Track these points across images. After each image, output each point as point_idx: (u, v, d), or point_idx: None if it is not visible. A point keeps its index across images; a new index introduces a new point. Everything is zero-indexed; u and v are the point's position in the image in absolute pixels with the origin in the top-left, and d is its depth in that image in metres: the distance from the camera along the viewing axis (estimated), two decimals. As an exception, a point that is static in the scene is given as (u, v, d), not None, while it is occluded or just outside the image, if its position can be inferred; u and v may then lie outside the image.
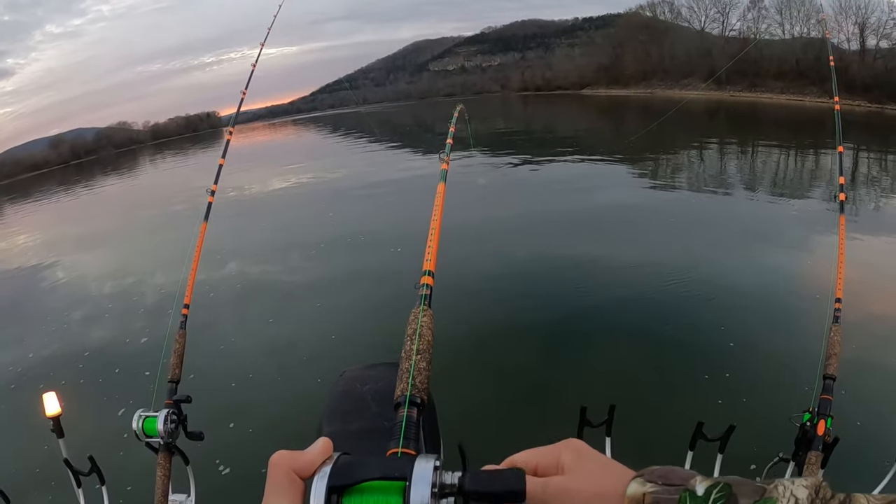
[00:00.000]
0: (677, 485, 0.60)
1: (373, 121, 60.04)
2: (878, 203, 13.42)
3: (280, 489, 0.60)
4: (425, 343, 1.03)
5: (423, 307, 1.11)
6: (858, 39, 54.18)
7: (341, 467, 0.62)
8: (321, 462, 0.62)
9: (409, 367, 0.98)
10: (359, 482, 0.60)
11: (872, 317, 6.58)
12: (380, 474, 0.61)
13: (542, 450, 0.75)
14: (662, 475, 0.62)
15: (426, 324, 1.07)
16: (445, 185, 1.57)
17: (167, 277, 10.38)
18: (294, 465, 0.61)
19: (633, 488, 0.62)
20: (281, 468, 0.61)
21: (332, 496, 0.59)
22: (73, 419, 3.15)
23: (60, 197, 37.03)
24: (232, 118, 4.77)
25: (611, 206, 13.46)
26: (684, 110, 35.01)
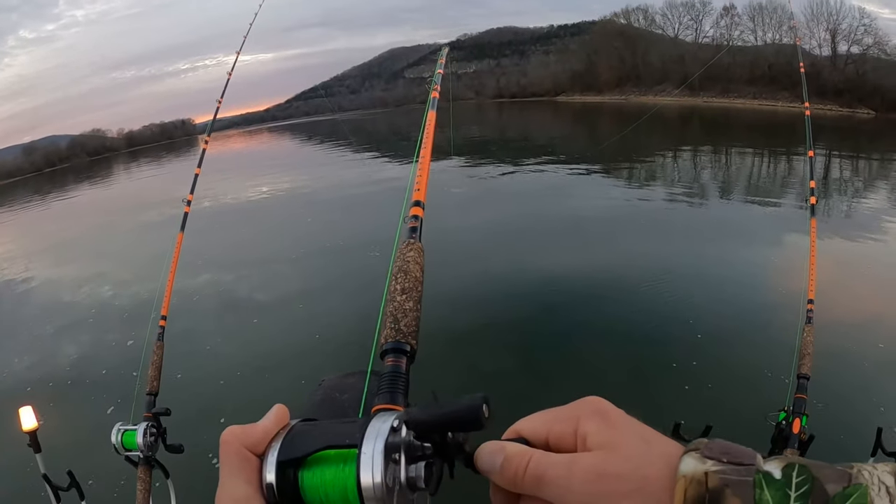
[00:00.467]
0: (747, 464, 0.48)
1: (348, 128, 59.94)
2: (849, 205, 13.67)
3: (232, 470, 0.54)
4: (412, 280, 0.91)
5: (411, 240, 1.00)
6: (830, 45, 55.34)
7: (292, 440, 0.55)
8: (275, 434, 0.56)
9: (392, 311, 0.86)
10: (308, 454, 0.54)
11: (845, 316, 6.69)
12: (327, 443, 0.54)
13: (553, 412, 0.61)
14: (725, 451, 0.49)
15: (413, 259, 0.95)
16: (435, 113, 1.47)
17: (144, 288, 10.27)
18: (246, 441, 0.55)
19: (689, 465, 0.49)
20: (231, 445, 0.55)
21: (287, 471, 0.53)
22: (51, 433, 3.12)
23: (34, 206, 36.51)
24: (207, 126, 4.73)
25: (585, 212, 13.55)
26: (658, 116, 35.38)
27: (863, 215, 12.48)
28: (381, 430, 0.52)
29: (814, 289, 3.10)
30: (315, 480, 0.53)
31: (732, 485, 0.46)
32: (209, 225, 15.13)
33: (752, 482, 0.46)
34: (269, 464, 0.53)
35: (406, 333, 0.82)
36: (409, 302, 0.87)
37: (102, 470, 4.81)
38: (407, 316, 0.84)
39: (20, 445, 2.96)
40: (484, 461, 0.57)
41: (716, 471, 0.47)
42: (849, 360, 5.76)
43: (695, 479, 0.47)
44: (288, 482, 0.53)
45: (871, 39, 53.30)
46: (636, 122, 15.26)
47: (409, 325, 0.83)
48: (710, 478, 0.47)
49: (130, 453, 2.82)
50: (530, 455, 0.55)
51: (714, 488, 0.47)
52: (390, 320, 0.84)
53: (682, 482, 0.48)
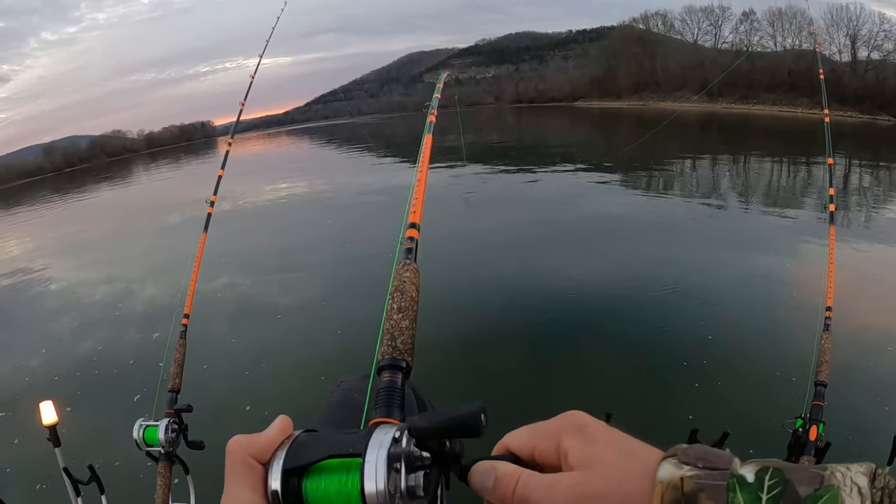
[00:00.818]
0: (722, 468, 0.49)
1: (367, 132, 60.18)
2: (869, 213, 13.55)
3: (238, 478, 0.56)
4: (408, 300, 0.95)
5: (407, 261, 1.05)
6: (850, 51, 54.94)
7: (297, 448, 0.57)
8: (279, 443, 0.58)
9: (389, 328, 0.90)
10: (313, 462, 0.56)
11: (863, 324, 6.65)
12: (331, 452, 0.56)
13: (539, 427, 0.63)
14: (701, 456, 0.51)
15: (409, 279, 1.00)
16: (432, 136, 1.54)
17: (166, 287, 10.38)
18: (251, 450, 0.57)
19: (666, 471, 0.50)
20: (237, 454, 0.56)
21: (291, 479, 0.55)
22: (73, 428, 3.17)
23: (54, 205, 36.90)
24: (229, 128, 4.80)
25: (603, 218, 13.50)
26: (677, 122, 35.24)
27: (882, 223, 12.35)
28: (383, 440, 0.55)
29: (832, 296, 3.10)
30: (318, 488, 0.55)
31: (707, 489, 0.47)
32: (230, 226, 15.25)
33: (726, 486, 0.47)
34: (274, 472, 0.55)
35: (402, 351, 0.86)
36: (406, 321, 0.91)
37: (123, 464, 4.87)
38: (403, 334, 0.88)
39: (42, 439, 3.00)
40: (477, 480, 0.61)
41: (691, 476, 0.49)
42: (867, 368, 5.71)
43: (671, 484, 0.49)
44: (292, 490, 0.55)
45: (891, 45, 52.89)
46: (655, 128, 15.23)
47: (405, 343, 0.87)
48: (686, 483, 0.48)
49: (152, 448, 2.86)
50: (518, 476, 0.58)
51: (689, 492, 0.48)
52: (388, 338, 0.88)
53: (660, 487, 0.49)
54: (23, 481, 5.28)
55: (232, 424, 5.80)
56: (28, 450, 5.53)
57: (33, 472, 5.22)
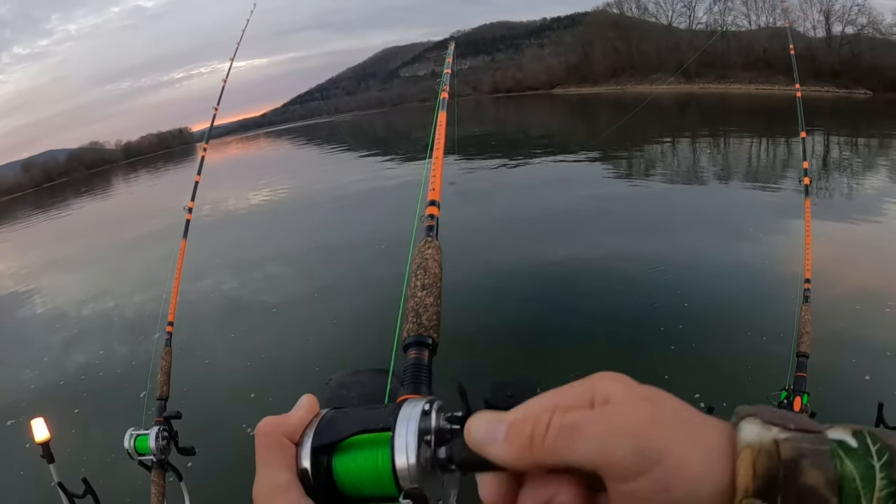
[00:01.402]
0: (816, 431, 0.40)
1: (345, 130, 59.97)
2: (847, 185, 13.68)
3: (271, 457, 0.54)
4: (431, 277, 0.95)
5: (428, 238, 1.04)
6: (824, 27, 55.14)
7: (325, 425, 0.57)
8: (308, 422, 0.57)
9: (414, 305, 0.90)
10: (342, 439, 0.55)
11: (841, 294, 6.74)
12: (361, 427, 0.55)
13: (558, 393, 0.48)
14: (785, 416, 0.41)
15: (432, 256, 0.99)
16: (445, 113, 1.53)
17: (150, 296, 10.32)
18: (282, 429, 0.56)
19: (752, 432, 0.40)
20: (269, 435, 0.55)
21: (320, 457, 0.55)
22: (63, 442, 3.16)
23: (36, 221, 36.58)
24: (205, 134, 4.77)
25: (585, 202, 13.58)
26: (656, 104, 35.36)
27: (860, 195, 12.50)
28: (412, 413, 0.54)
29: (810, 268, 3.13)
30: (348, 464, 0.54)
31: (809, 455, 0.38)
32: (213, 231, 15.19)
33: (829, 452, 0.39)
34: (304, 450, 0.55)
35: (428, 327, 0.86)
36: (430, 297, 0.91)
37: (117, 475, 4.86)
38: (428, 310, 0.88)
39: (35, 456, 3.00)
40: (479, 431, 0.48)
41: (786, 438, 0.39)
42: (847, 337, 5.80)
43: (763, 448, 0.39)
44: (322, 468, 0.54)
45: (865, 19, 53.08)
46: (633, 111, 15.25)
47: (430, 320, 0.87)
48: (782, 447, 0.39)
49: (143, 457, 2.86)
50: (550, 412, 0.45)
51: (788, 459, 0.39)
52: (412, 315, 0.88)
53: (749, 453, 0.39)
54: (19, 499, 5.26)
55: (221, 430, 5.81)
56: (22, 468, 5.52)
57: (28, 489, 5.20)
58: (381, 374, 1.12)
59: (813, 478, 0.38)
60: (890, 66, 44.48)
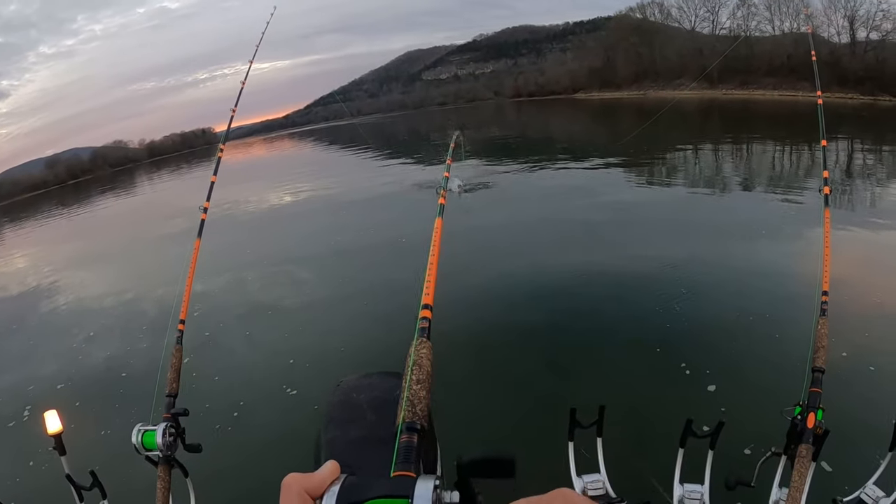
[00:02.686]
0: None
1: (367, 132, 60.29)
2: (867, 195, 13.47)
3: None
4: (425, 374, 1.07)
5: (423, 339, 1.14)
6: (848, 32, 54.57)
7: (349, 487, 0.66)
8: (330, 482, 0.66)
9: (410, 396, 1.02)
10: (365, 500, 0.64)
11: (861, 308, 6.59)
12: (383, 493, 0.65)
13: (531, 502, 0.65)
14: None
15: (425, 355, 1.11)
16: (443, 220, 1.63)
17: (165, 294, 10.39)
18: (305, 486, 0.64)
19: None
20: (293, 489, 0.64)
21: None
22: (74, 435, 3.18)
23: (59, 217, 37.08)
24: (229, 134, 4.80)
25: (602, 207, 13.58)
26: (678, 109, 35.19)
27: (881, 205, 12.31)
28: (427, 486, 0.65)
29: (828, 280, 3.07)
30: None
31: None
32: (231, 230, 15.31)
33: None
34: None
35: (420, 416, 0.99)
36: (423, 391, 1.04)
37: (124, 469, 4.89)
38: (421, 402, 1.02)
39: (46, 448, 3.03)
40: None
41: None
42: (864, 353, 5.65)
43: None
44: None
45: (889, 25, 52.41)
46: (654, 117, 15.17)
47: (422, 410, 1.01)
48: None
49: (150, 453, 2.88)
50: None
51: None
52: (408, 405, 1.01)
53: None
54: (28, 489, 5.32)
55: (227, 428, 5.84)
56: (34, 458, 5.59)
57: (39, 479, 5.26)
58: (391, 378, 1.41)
59: None
60: (915, 73, 43.98)
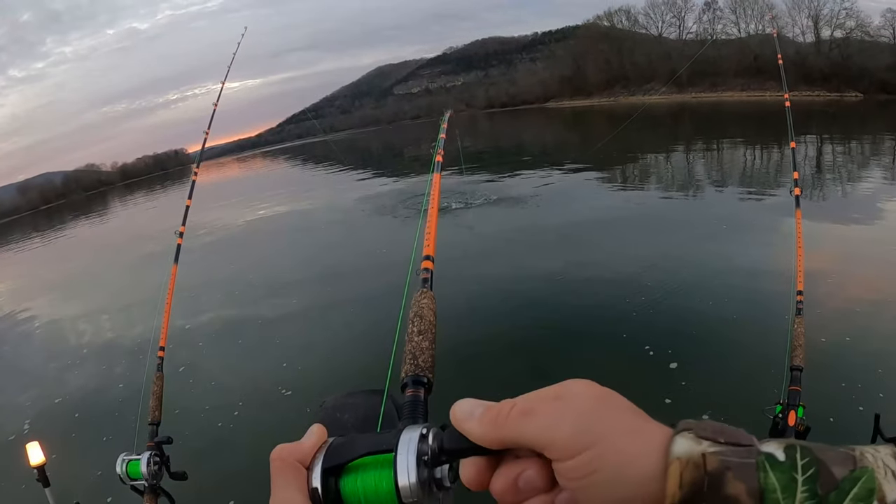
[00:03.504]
0: (746, 444, 0.44)
1: (340, 149, 60.21)
2: (837, 192, 13.68)
3: (286, 479, 0.60)
4: (427, 324, 1.03)
5: (424, 290, 1.12)
6: (813, 31, 55.69)
7: (334, 450, 0.63)
8: (318, 448, 0.63)
9: (411, 349, 0.96)
10: (350, 461, 0.61)
11: (834, 306, 6.67)
12: (367, 450, 0.61)
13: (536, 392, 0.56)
14: (719, 430, 0.45)
15: (427, 305, 1.08)
16: (441, 175, 1.64)
17: (143, 321, 10.25)
18: (295, 455, 0.62)
19: (683, 446, 0.44)
20: (284, 459, 0.61)
21: (329, 479, 0.61)
22: (57, 467, 3.15)
23: (33, 243, 36.53)
24: (196, 157, 4.76)
25: (578, 213, 13.66)
26: (649, 114, 35.54)
27: (850, 201, 12.49)
28: (412, 437, 0.60)
29: (802, 280, 3.12)
30: (354, 484, 0.60)
31: (734, 467, 0.42)
32: (205, 254, 15.16)
33: (756, 464, 0.42)
34: (315, 472, 0.60)
35: (424, 368, 0.92)
36: (426, 342, 0.98)
37: (109, 500, 4.82)
38: (424, 353, 0.95)
39: (28, 481, 2.99)
40: (462, 410, 0.58)
41: (714, 452, 0.43)
42: (840, 349, 5.72)
43: (691, 461, 0.43)
44: (331, 488, 0.60)
45: (853, 22, 53.82)
46: (625, 123, 15.30)
47: (426, 361, 0.93)
48: (709, 459, 0.43)
49: (136, 482, 2.85)
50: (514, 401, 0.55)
51: (714, 471, 0.42)
52: (409, 357, 0.94)
53: (677, 465, 0.43)
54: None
55: (212, 454, 5.78)
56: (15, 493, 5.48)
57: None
58: (375, 396, 1.27)
59: (735, 488, 0.41)
60: (880, 67, 44.88)
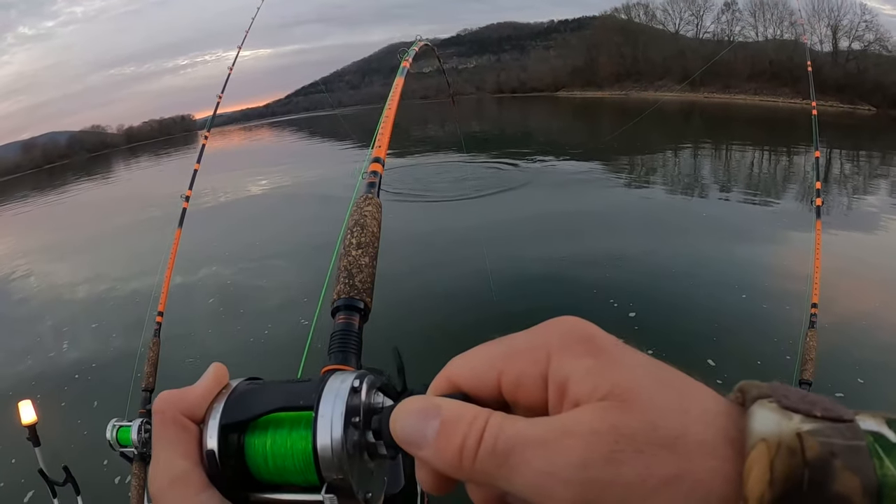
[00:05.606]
0: (847, 420, 0.30)
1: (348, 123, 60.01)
2: (853, 205, 13.60)
3: (169, 441, 0.45)
4: (369, 235, 0.87)
5: (369, 195, 0.96)
6: (831, 41, 55.42)
7: (237, 400, 0.47)
8: (215, 396, 0.48)
9: (347, 265, 0.81)
10: (256, 416, 0.46)
11: (850, 320, 6.59)
12: (278, 404, 0.46)
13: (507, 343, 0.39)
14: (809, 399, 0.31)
15: (371, 213, 0.91)
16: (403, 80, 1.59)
17: (142, 285, 10.22)
18: (182, 406, 0.46)
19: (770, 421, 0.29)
20: (167, 413, 0.46)
21: (230, 436, 0.46)
22: (47, 429, 3.11)
23: (32, 203, 36.44)
24: (208, 121, 4.71)
25: (587, 210, 13.56)
26: (659, 111, 35.36)
27: (866, 215, 12.41)
28: (339, 390, 0.45)
29: (818, 292, 3.05)
30: (263, 446, 0.46)
31: (841, 453, 0.28)
32: (209, 220, 15.10)
33: (866, 447, 0.28)
34: (210, 429, 0.46)
35: (361, 290, 0.79)
36: (366, 257, 0.83)
37: (99, 465, 4.80)
38: (363, 271, 0.81)
39: (19, 439, 2.96)
40: (405, 427, 0.39)
41: (812, 431, 0.29)
42: (852, 366, 5.65)
43: (783, 444, 0.28)
44: (231, 449, 0.46)
45: (872, 36, 53.53)
46: (637, 117, 15.21)
47: (364, 282, 0.80)
48: (808, 441, 0.28)
49: (125, 449, 2.80)
50: (486, 417, 0.36)
51: (816, 460, 0.28)
52: (344, 275, 0.80)
53: (764, 451, 0.28)
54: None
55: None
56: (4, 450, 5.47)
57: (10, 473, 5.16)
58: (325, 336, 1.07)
59: (847, 485, 0.27)
60: (895, 82, 44.67)
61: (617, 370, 0.34)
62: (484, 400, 0.39)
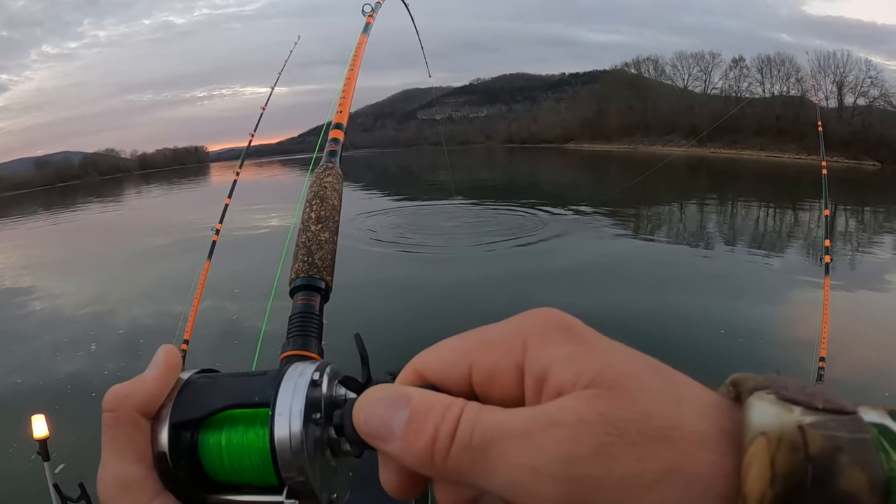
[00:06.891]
0: (850, 412, 0.27)
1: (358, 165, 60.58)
2: (859, 261, 13.61)
3: (119, 442, 0.40)
4: (329, 209, 0.82)
5: (329, 165, 0.91)
6: (836, 97, 56.07)
7: (189, 396, 0.43)
8: (167, 390, 0.43)
9: (305, 241, 0.76)
10: (208, 415, 0.42)
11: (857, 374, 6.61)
12: (232, 401, 0.42)
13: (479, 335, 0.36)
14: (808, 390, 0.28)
15: (331, 185, 0.86)
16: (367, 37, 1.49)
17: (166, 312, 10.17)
18: (135, 402, 0.41)
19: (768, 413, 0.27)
20: (119, 412, 0.40)
21: (183, 435, 0.42)
22: (63, 444, 3.13)
23: (41, 219, 36.42)
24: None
25: (593, 262, 13.62)
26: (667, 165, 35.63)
27: (873, 271, 12.43)
28: (298, 384, 0.42)
29: (825, 346, 3.11)
30: (218, 445, 0.42)
31: (846, 447, 0.25)
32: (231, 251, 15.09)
33: (871, 440, 0.26)
34: (161, 428, 0.42)
35: (321, 268, 0.74)
36: (326, 232, 0.78)
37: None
38: (322, 248, 0.76)
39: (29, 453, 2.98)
40: (370, 418, 0.35)
41: (814, 423, 0.26)
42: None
43: (784, 438, 0.26)
44: (184, 449, 0.42)
45: (877, 91, 54.40)
46: (646, 172, 15.29)
47: (324, 259, 0.75)
48: (810, 436, 0.26)
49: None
50: (461, 407, 0.32)
51: (819, 455, 0.25)
52: (303, 252, 0.75)
53: (763, 445, 0.26)
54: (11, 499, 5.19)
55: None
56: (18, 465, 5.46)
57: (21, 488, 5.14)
58: None
59: (853, 481, 0.25)
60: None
61: (601, 356, 0.32)
62: (454, 394, 0.34)
